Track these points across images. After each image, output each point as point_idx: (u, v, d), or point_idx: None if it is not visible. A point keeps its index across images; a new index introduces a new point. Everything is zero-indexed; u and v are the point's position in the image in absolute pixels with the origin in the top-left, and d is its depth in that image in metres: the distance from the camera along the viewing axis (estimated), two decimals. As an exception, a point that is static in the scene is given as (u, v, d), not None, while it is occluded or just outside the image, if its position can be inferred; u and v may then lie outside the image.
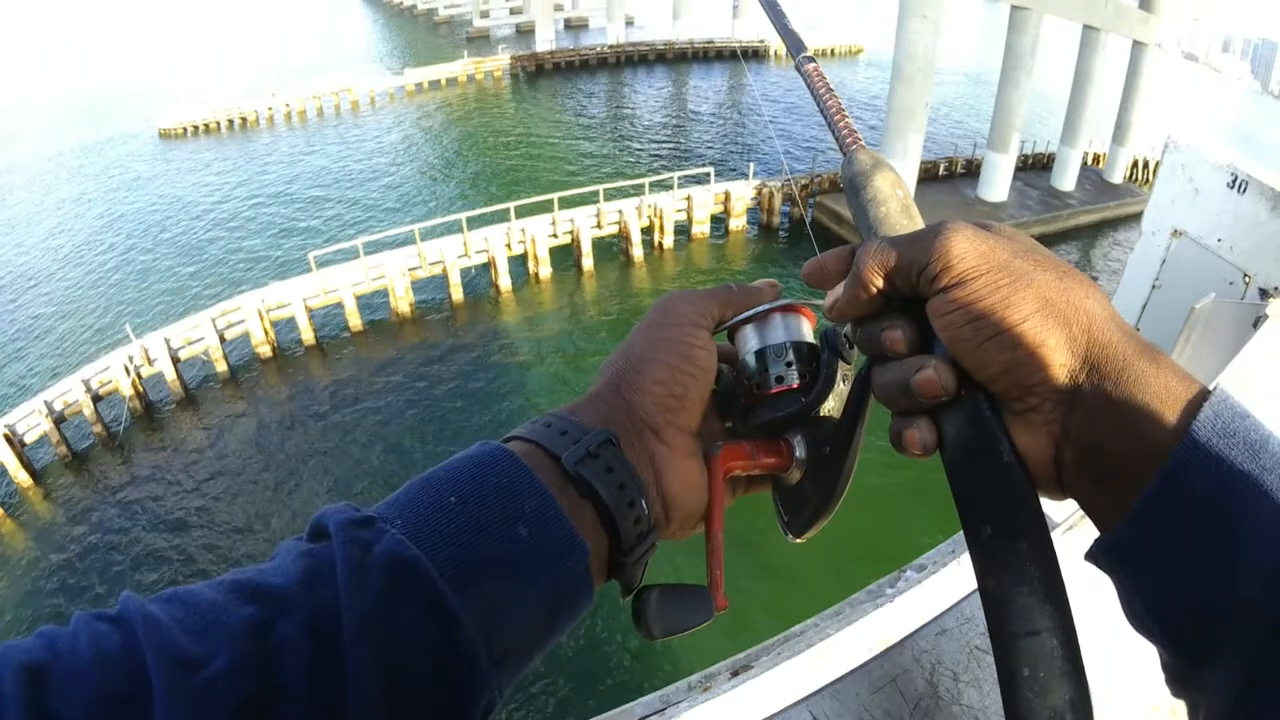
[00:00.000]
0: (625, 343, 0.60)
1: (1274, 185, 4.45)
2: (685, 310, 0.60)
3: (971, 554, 0.47)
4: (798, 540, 0.62)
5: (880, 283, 0.51)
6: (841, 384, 0.60)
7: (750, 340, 0.62)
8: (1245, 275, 4.58)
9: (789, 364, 0.60)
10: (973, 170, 27.17)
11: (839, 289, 0.54)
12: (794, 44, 0.71)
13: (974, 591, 0.93)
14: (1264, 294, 4.20)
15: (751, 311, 0.61)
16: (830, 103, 0.66)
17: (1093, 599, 0.47)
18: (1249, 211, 4.56)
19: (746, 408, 0.62)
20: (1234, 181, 4.63)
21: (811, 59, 0.68)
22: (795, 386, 0.60)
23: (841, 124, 0.64)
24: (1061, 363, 0.46)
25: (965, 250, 0.48)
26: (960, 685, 0.79)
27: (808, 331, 0.62)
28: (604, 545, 0.51)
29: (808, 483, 0.61)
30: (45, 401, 15.89)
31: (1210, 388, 0.44)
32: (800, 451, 0.60)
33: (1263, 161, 5.31)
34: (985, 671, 0.80)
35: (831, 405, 0.60)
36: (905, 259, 0.50)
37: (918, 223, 0.59)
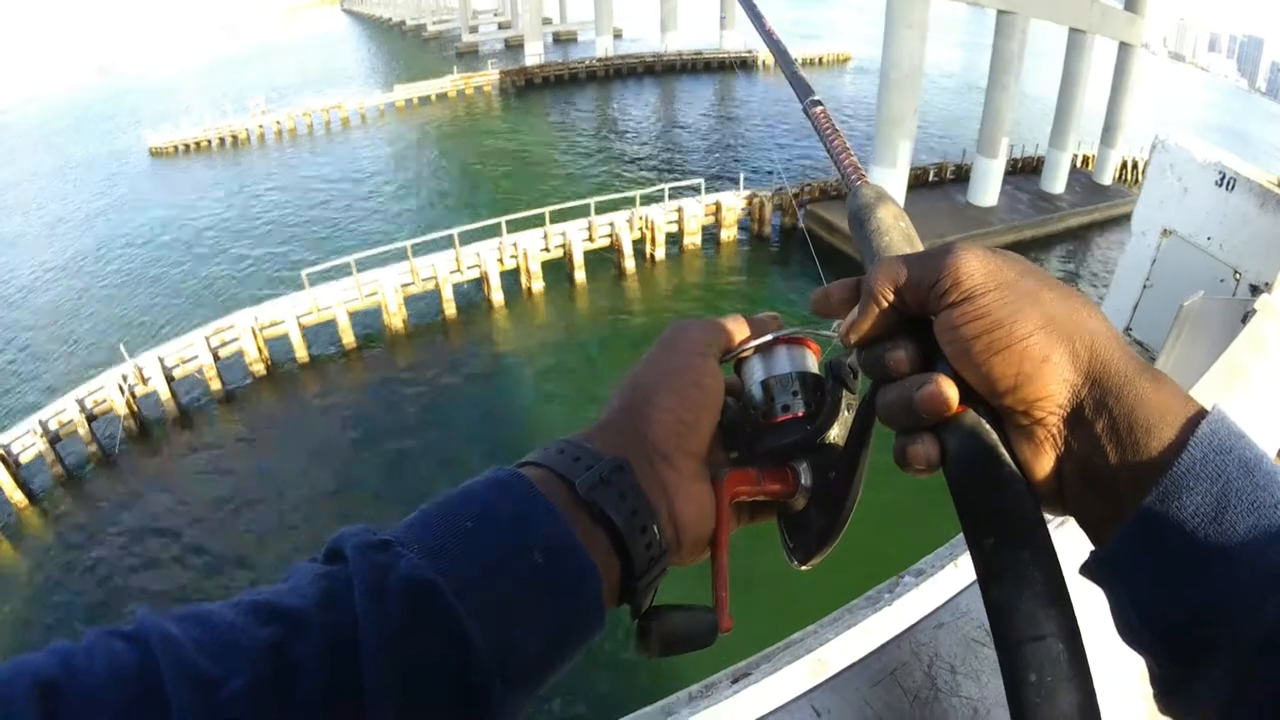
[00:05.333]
0: (634, 371, 0.61)
1: (1262, 181, 4.48)
2: (693, 339, 0.61)
3: (975, 565, 0.47)
4: (803, 568, 0.63)
5: (890, 297, 0.52)
6: (846, 412, 0.61)
7: (756, 370, 0.63)
8: (1236, 272, 4.60)
9: (795, 393, 0.61)
10: (962, 175, 27.30)
11: (853, 312, 0.55)
12: (802, 89, 0.73)
13: (969, 586, 0.94)
14: (1255, 290, 4.22)
15: (757, 342, 0.63)
16: (836, 142, 0.68)
17: (1090, 606, 0.48)
18: (1238, 208, 4.57)
19: (752, 437, 0.63)
20: (1222, 179, 4.66)
21: (818, 102, 0.71)
22: (801, 415, 0.61)
23: (847, 161, 0.67)
24: (1065, 378, 0.47)
25: (974, 268, 0.49)
26: (958, 677, 0.80)
27: (812, 363, 0.64)
28: (616, 571, 0.52)
29: (813, 509, 0.61)
30: (40, 421, 15.87)
31: (1209, 407, 0.45)
32: (805, 479, 0.61)
33: (1250, 158, 5.34)
34: (982, 664, 0.80)
35: (836, 433, 0.61)
36: (915, 275, 0.51)
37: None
